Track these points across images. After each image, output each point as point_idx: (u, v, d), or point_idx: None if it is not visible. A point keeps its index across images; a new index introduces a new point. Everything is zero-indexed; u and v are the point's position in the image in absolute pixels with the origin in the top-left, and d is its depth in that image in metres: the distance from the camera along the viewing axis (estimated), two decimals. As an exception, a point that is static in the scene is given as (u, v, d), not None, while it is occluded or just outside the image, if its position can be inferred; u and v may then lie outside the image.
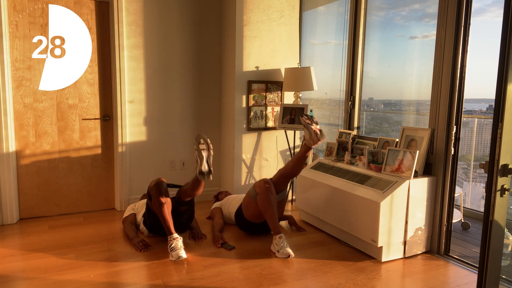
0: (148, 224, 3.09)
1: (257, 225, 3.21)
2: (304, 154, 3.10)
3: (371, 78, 3.66)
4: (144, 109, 3.94)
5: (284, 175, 3.14)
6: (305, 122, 3.05)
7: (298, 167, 3.14)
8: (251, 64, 4.00)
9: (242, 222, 3.26)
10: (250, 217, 3.17)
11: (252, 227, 3.24)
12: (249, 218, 3.18)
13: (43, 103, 3.58)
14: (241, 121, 4.02)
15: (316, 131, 3.00)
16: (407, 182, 2.75)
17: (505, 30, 1.73)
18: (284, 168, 3.17)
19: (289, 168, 3.14)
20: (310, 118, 3.06)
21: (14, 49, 3.42)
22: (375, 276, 2.58)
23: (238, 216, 3.28)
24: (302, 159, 3.12)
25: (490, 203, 1.77)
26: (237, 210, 3.30)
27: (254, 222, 3.19)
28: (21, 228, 3.39)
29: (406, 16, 3.42)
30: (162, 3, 3.90)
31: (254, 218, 3.15)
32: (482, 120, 4.06)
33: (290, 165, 3.14)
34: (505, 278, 2.47)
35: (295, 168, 3.14)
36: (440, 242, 2.91)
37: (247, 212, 3.17)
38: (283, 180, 3.14)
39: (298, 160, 3.12)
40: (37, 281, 2.43)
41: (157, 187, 2.83)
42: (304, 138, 3.12)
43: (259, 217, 3.13)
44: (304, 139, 3.10)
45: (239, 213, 3.26)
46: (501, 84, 1.73)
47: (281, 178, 3.14)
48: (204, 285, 2.42)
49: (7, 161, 3.41)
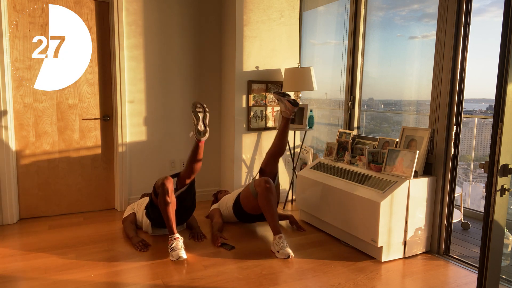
0: (152, 217, 3.13)
1: (255, 216, 3.31)
2: (284, 127, 3.26)
3: (371, 78, 3.67)
4: (144, 109, 3.94)
5: (271, 155, 3.29)
6: (277, 96, 3.28)
7: (283, 142, 3.28)
8: (251, 64, 4.00)
9: (240, 213, 3.32)
10: (249, 210, 3.24)
11: (250, 217, 3.34)
12: (248, 210, 3.26)
13: (43, 103, 3.58)
14: (241, 121, 4.02)
15: (289, 100, 3.19)
16: (407, 182, 2.75)
17: (505, 30, 1.73)
18: (270, 149, 3.32)
19: (275, 146, 3.28)
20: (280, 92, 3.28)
21: (14, 49, 3.42)
22: (375, 276, 2.58)
23: (236, 208, 3.33)
24: (284, 133, 3.27)
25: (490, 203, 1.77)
26: (235, 201, 3.35)
27: (252, 214, 3.28)
28: (21, 228, 3.39)
29: (405, 16, 3.42)
30: (162, 3, 3.90)
31: (252, 210, 3.24)
32: (482, 120, 4.06)
33: (275, 142, 3.29)
34: (505, 278, 2.47)
35: (280, 144, 3.27)
36: (440, 242, 2.91)
37: (245, 205, 3.24)
38: (272, 160, 3.28)
39: (281, 135, 3.27)
40: (37, 281, 2.43)
41: (165, 186, 2.86)
42: (280, 112, 3.31)
43: (257, 210, 3.20)
44: (280, 112, 3.29)
45: (237, 205, 3.32)
46: (501, 84, 1.73)
47: (270, 159, 3.28)
48: (204, 285, 2.42)
49: (7, 161, 3.41)
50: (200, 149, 3.00)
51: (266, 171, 3.28)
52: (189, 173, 3.04)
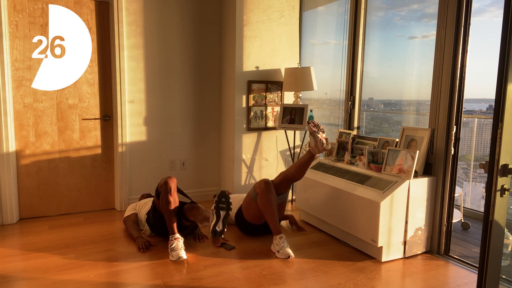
0: (151, 222, 3.10)
1: (257, 226, 3.21)
2: (307, 160, 3.05)
3: (371, 78, 3.67)
4: (144, 109, 3.94)
5: (286, 178, 3.11)
6: (312, 130, 3.00)
7: (301, 172, 3.10)
8: (251, 64, 4.00)
9: (242, 224, 3.25)
10: (251, 219, 3.16)
11: (252, 229, 3.23)
12: (250, 220, 3.17)
13: (43, 103, 3.58)
14: (241, 121, 4.02)
15: (323, 140, 2.96)
16: (407, 182, 2.75)
17: (505, 30, 1.73)
18: (286, 172, 3.13)
19: (292, 173, 3.10)
20: (316, 125, 3.00)
21: (14, 49, 3.42)
22: (375, 276, 2.58)
23: (238, 218, 3.28)
24: (305, 165, 3.06)
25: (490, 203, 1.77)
26: (237, 212, 3.30)
27: (255, 224, 3.19)
28: (21, 228, 3.39)
29: (405, 16, 3.43)
30: (162, 3, 3.90)
31: (255, 219, 3.14)
32: (482, 120, 4.06)
33: (293, 170, 3.10)
34: (505, 278, 2.47)
35: (298, 173, 3.10)
36: (440, 242, 2.91)
37: (247, 213, 3.16)
38: (285, 183, 3.11)
39: (302, 166, 3.07)
40: (37, 281, 2.43)
41: (167, 185, 2.84)
42: (309, 145, 3.07)
43: (259, 219, 3.12)
44: (309, 145, 3.05)
45: (239, 215, 3.26)
46: (501, 84, 1.73)
47: (283, 182, 3.11)
48: (204, 285, 2.42)
49: (7, 161, 3.41)
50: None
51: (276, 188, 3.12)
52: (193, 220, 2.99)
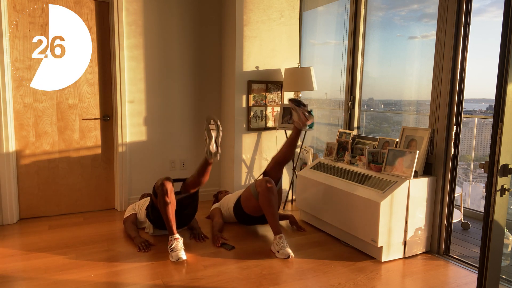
0: (152, 218, 3.11)
1: (256, 218, 3.28)
2: (295, 137, 3.18)
3: (371, 78, 3.67)
4: (144, 109, 3.94)
5: (277, 161, 3.21)
6: (292, 105, 3.15)
7: (291, 151, 3.20)
8: (251, 64, 4.00)
9: (241, 215, 3.30)
10: (250, 211, 3.22)
11: (250, 219, 3.30)
12: (249, 212, 3.23)
13: (43, 103, 3.58)
14: (241, 121, 4.02)
15: (304, 112, 3.09)
16: (407, 182, 2.75)
17: (505, 30, 1.73)
18: (277, 155, 3.24)
19: (283, 154, 3.20)
20: (297, 101, 3.14)
21: (14, 49, 3.42)
22: (375, 276, 2.58)
23: (236, 209, 3.32)
24: (293, 142, 3.19)
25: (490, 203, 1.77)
26: (236, 203, 3.33)
27: (253, 216, 3.25)
28: (21, 228, 3.39)
29: (405, 16, 3.43)
30: (162, 3, 3.90)
31: (254, 212, 3.21)
32: (482, 120, 4.06)
33: (284, 150, 3.21)
34: (505, 278, 2.47)
35: (287, 153, 3.20)
36: (440, 242, 2.91)
37: (246, 206, 3.22)
38: (277, 167, 3.21)
39: (290, 144, 3.19)
40: (37, 281, 2.43)
41: (164, 186, 2.85)
42: (293, 121, 3.20)
43: (258, 211, 3.18)
44: (294, 121, 3.18)
45: (238, 206, 3.30)
46: (501, 84, 1.73)
47: (275, 165, 3.21)
48: (204, 285, 2.42)
49: (7, 161, 3.41)
50: (209, 167, 2.97)
51: (270, 175, 3.22)
52: (195, 184, 3.05)
